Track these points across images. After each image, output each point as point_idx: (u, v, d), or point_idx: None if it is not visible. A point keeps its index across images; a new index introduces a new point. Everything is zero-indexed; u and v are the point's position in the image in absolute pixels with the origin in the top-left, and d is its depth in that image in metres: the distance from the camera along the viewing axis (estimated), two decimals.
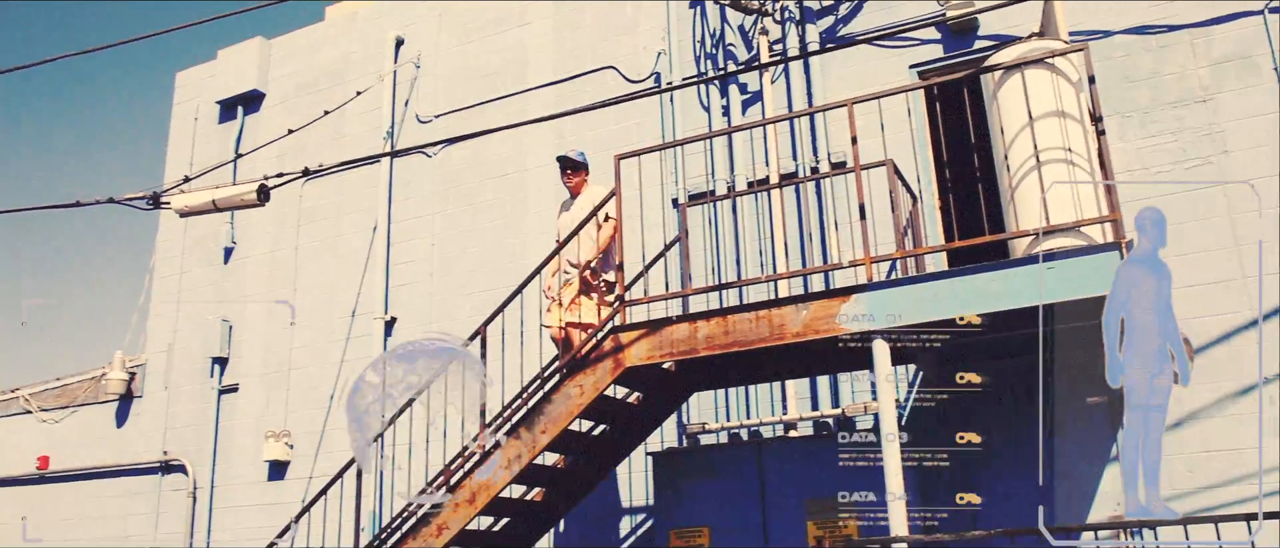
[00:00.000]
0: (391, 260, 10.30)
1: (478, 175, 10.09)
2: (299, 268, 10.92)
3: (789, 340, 6.07)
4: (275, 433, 10.24)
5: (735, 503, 7.16)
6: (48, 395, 12.56)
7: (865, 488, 6.76)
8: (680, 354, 6.37)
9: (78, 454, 11.93)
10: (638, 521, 8.33)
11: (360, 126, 10.89)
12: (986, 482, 6.69)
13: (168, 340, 11.63)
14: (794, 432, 7.84)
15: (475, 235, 9.90)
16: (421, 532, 6.91)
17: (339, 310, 10.44)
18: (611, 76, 9.56)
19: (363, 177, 10.73)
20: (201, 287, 11.62)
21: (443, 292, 9.89)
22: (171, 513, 10.91)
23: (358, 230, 10.61)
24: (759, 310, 6.18)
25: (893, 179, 6.60)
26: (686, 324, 6.36)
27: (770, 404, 8.05)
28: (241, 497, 10.51)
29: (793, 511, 6.97)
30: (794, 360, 7.09)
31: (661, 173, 8.89)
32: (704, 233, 8.63)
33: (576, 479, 7.69)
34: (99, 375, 12.02)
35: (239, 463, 10.64)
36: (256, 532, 9.99)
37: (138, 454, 11.38)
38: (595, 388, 6.54)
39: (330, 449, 9.92)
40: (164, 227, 12.12)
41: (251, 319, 11.09)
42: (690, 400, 8.12)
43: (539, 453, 6.67)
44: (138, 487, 11.32)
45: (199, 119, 12.29)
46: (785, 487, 7.05)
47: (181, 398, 11.30)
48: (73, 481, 11.90)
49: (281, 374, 10.64)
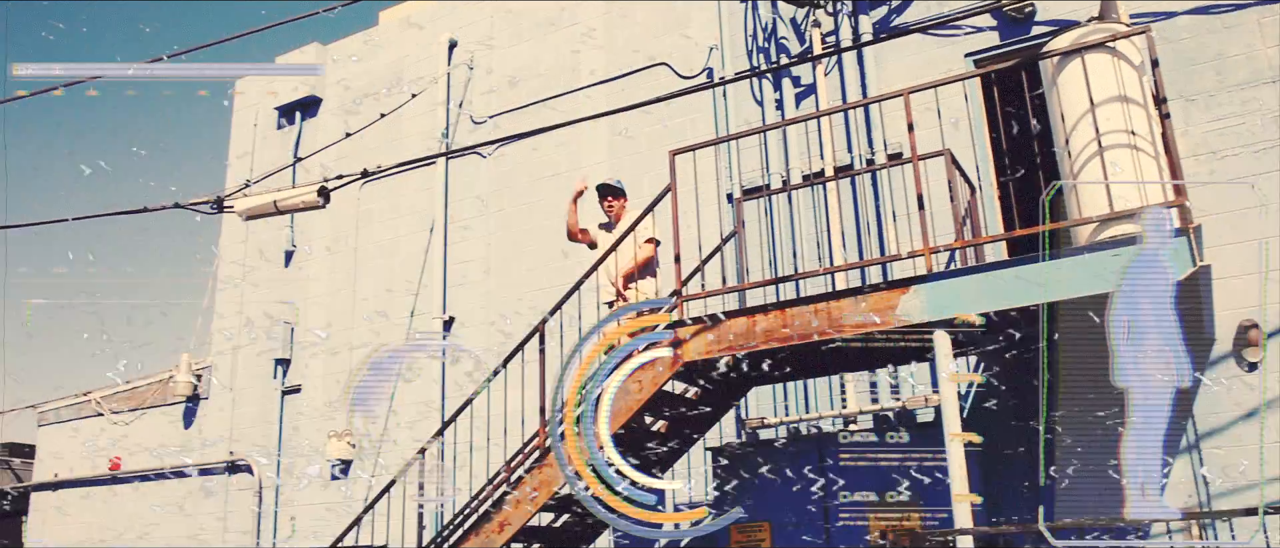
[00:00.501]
0: (448, 260, 10.40)
1: (532, 175, 10.15)
2: (358, 269, 11.07)
3: (848, 333, 6.03)
4: (338, 433, 10.40)
5: (796, 499, 7.12)
6: (118, 399, 12.87)
7: (928, 480, 6.71)
8: (738, 348, 6.35)
9: (148, 455, 12.21)
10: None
11: (415, 128, 11.01)
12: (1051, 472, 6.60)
13: (232, 343, 11.86)
14: (854, 426, 7.78)
15: (531, 234, 9.96)
16: (484, 528, 6.97)
17: (397, 311, 10.57)
18: (664, 73, 9.56)
19: (419, 178, 10.85)
20: (263, 289, 11.83)
21: (499, 291, 9.96)
22: (239, 512, 11.13)
23: (415, 231, 10.73)
24: (817, 303, 6.15)
25: (950, 169, 6.53)
26: (744, 318, 6.35)
27: (830, 398, 8.01)
28: (306, 495, 10.68)
29: (854, 505, 6.93)
30: (854, 353, 7.03)
31: (717, 168, 8.87)
32: (760, 227, 8.60)
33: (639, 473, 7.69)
34: (166, 378, 12.29)
35: (303, 463, 10.82)
36: (321, 530, 10.15)
37: (205, 455, 11.62)
38: (654, 383, 6.55)
39: (392, 447, 10.05)
40: (226, 231, 12.36)
41: (313, 321, 11.26)
42: (749, 396, 8.10)
43: (599, 447, 6.68)
44: (206, 486, 11.56)
45: (258, 125, 12.51)
46: (847, 481, 7.00)
47: (246, 399, 11.51)
48: (143, 481, 12.19)
49: (343, 376, 10.79)
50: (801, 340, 6.14)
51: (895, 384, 7.80)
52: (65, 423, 13.44)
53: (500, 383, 7.85)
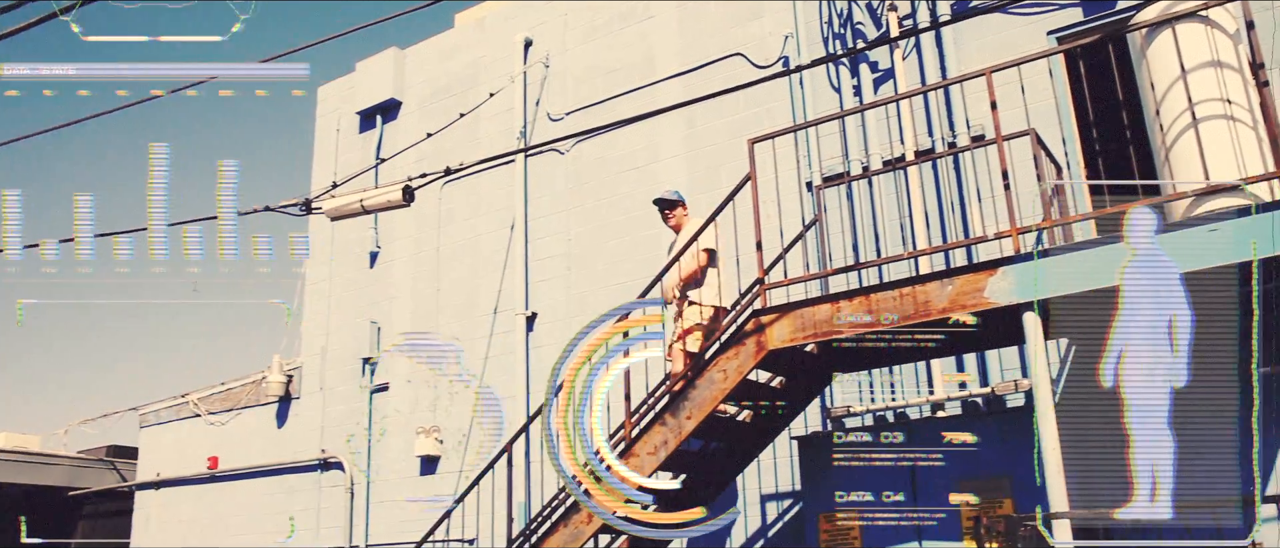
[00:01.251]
0: (529, 257, 10.51)
1: (610, 170, 10.21)
2: (441, 269, 11.25)
3: (934, 317, 5.95)
4: (425, 429, 10.58)
5: (884, 486, 7.06)
6: (214, 399, 13.26)
7: (1020, 466, 6.59)
8: (822, 335, 6.31)
9: (243, 454, 12.57)
10: (784, 506, 8.30)
11: (494, 128, 11.14)
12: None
13: (321, 343, 12.13)
14: (941, 412, 7.68)
15: (611, 229, 10.01)
16: (572, 519, 7.04)
17: (481, 308, 10.72)
18: (739, 63, 9.54)
19: (498, 177, 10.98)
20: (350, 290, 12.09)
21: (581, 286, 10.03)
22: (331, 508, 11.38)
23: (495, 230, 10.86)
24: (902, 288, 6.09)
25: (1036, 148, 6.40)
26: (828, 305, 6.30)
27: (916, 385, 7.92)
28: (396, 491, 10.88)
29: (944, 492, 6.84)
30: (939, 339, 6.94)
31: (796, 156, 8.83)
32: (840, 215, 8.53)
33: (722, 465, 7.70)
34: (259, 379, 12.63)
35: (392, 459, 11.03)
36: (411, 525, 10.34)
37: (297, 453, 11.91)
38: (739, 372, 6.54)
39: (479, 443, 10.19)
40: (313, 235, 12.65)
41: (398, 320, 11.47)
42: (833, 384, 8.04)
43: (685, 438, 6.71)
44: (298, 484, 11.85)
45: (341, 130, 12.78)
46: (936, 469, 6.91)
47: (336, 398, 11.77)
48: (239, 479, 12.54)
49: (427, 372, 10.97)
50: (887, 325, 6.08)
51: (983, 369, 7.69)
52: (165, 425, 13.89)
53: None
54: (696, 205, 9.27)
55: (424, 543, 8.35)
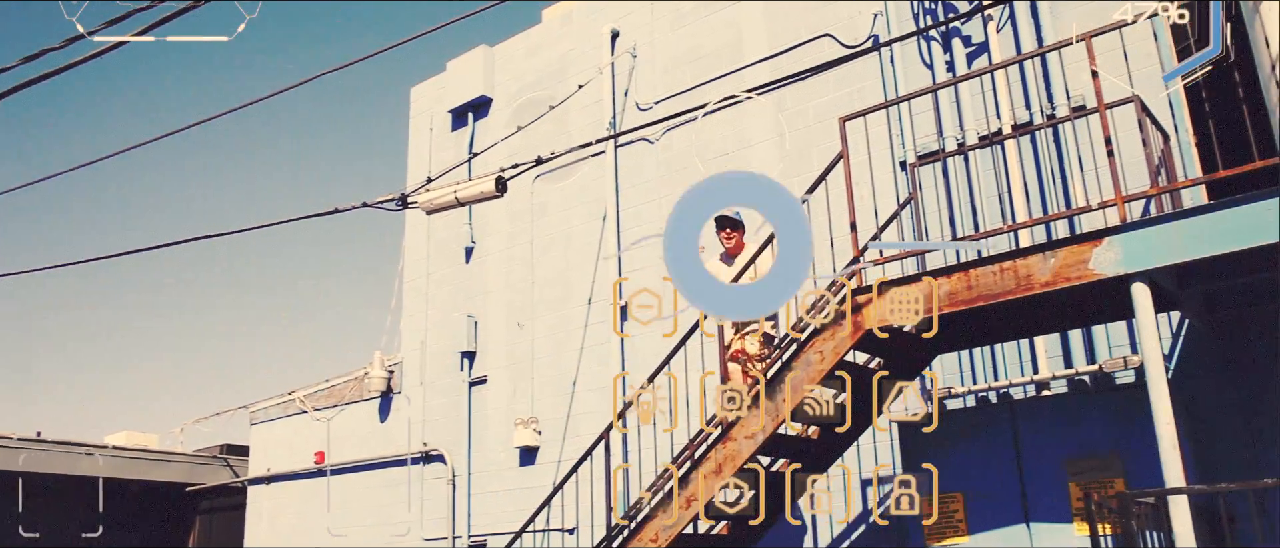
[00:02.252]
0: (622, 247, 10.54)
1: (700, 158, 10.17)
2: (535, 262, 11.36)
3: (1037, 291, 5.79)
4: (524, 420, 10.70)
5: (989, 467, 6.91)
6: (319, 396, 13.63)
7: (1131, 444, 6.38)
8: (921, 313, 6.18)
9: (348, 448, 12.89)
10: (885, 490, 8.17)
11: (583, 120, 11.20)
12: (1269, 430, 6.19)
13: (420, 339, 12.37)
14: (1047, 392, 7.47)
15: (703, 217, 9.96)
16: (670, 505, 7.03)
17: (575, 300, 10.79)
18: (828, 44, 9.42)
19: (589, 169, 11.04)
20: (447, 286, 12.29)
21: None
22: (433, 500, 11.60)
23: (587, 221, 10.93)
24: (1002, 262, 5.94)
25: (1141, 114, 6.18)
26: (925, 281, 6.18)
27: (1019, 363, 7.72)
28: (496, 482, 11.04)
29: (1052, 472, 6.66)
30: (1043, 314, 6.76)
31: (889, 135, 8.69)
32: (936, 192, 8.36)
33: (821, 449, 7.61)
34: (362, 375, 12.93)
35: (492, 450, 11.18)
36: (512, 515, 10.48)
37: (400, 446, 12.17)
38: (835, 353, 6.46)
39: (577, 433, 10.27)
40: (410, 232, 12.89)
41: (494, 313, 11.62)
42: (933, 364, 7.88)
43: (782, 421, 6.65)
44: (401, 477, 12.10)
45: (434, 129, 13.00)
46: (1042, 448, 6.74)
47: (436, 392, 11.98)
48: (345, 473, 12.86)
49: (526, 364, 11.10)
50: (988, 301, 5.94)
51: (1089, 345, 7.46)
52: (274, 421, 14.33)
53: (679, 364, 7.91)
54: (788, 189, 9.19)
55: (524, 532, 8.45)
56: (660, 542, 7.03)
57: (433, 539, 11.48)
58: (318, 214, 8.73)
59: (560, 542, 9.87)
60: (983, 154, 8.20)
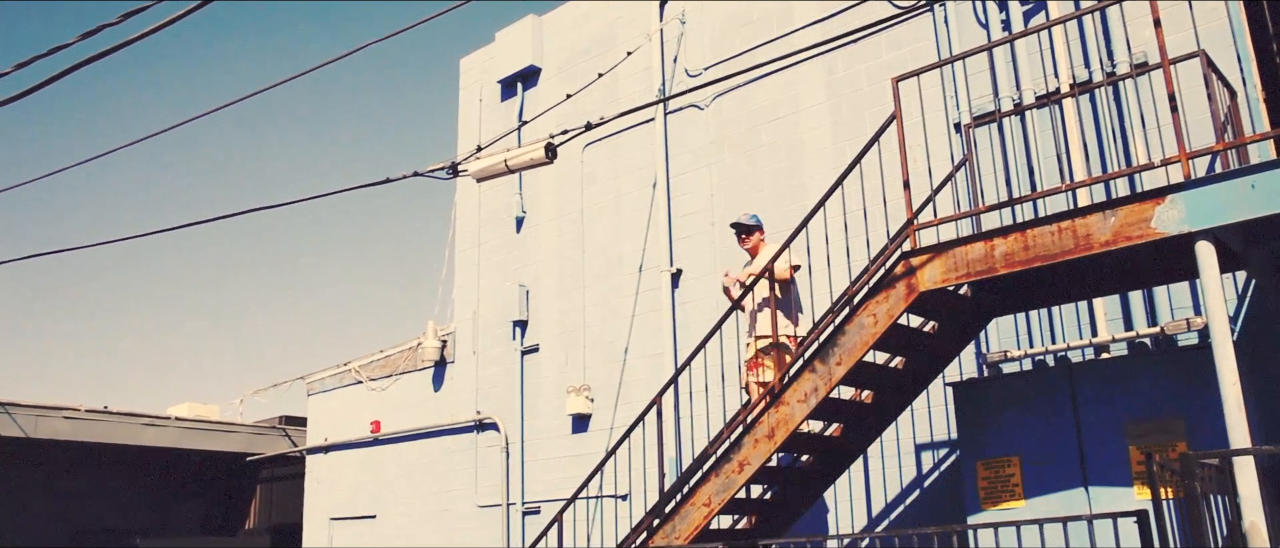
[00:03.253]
0: (672, 214, 10.51)
1: (750, 122, 10.10)
2: (585, 230, 11.37)
3: (1097, 251, 5.66)
4: (576, 388, 10.75)
5: (1046, 431, 6.80)
6: (374, 366, 13.80)
7: (1193, 407, 6.25)
8: (977, 274, 6.09)
9: (403, 418, 13.05)
10: (940, 455, 8.10)
11: (633, 88, 11.16)
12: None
13: (472, 308, 12.46)
14: (1106, 355, 7.34)
15: (753, 182, 9.92)
16: (723, 469, 7.03)
17: (626, 267, 10.79)
18: (879, 5, 9.27)
19: (638, 136, 11.00)
20: (498, 255, 12.35)
21: (726, 240, 9.98)
22: (488, 467, 11.71)
23: (637, 188, 10.90)
24: (1061, 221, 5.81)
25: (1207, 69, 6.01)
26: (981, 243, 6.08)
27: (1078, 327, 7.59)
28: (549, 450, 11.11)
29: (1111, 435, 6.54)
30: (1102, 275, 6.63)
31: (943, 96, 8.55)
32: (992, 154, 8.22)
33: (874, 413, 7.56)
34: (415, 345, 13.07)
35: (545, 418, 11.26)
36: (564, 481, 10.55)
37: (454, 415, 12.29)
38: (889, 316, 6.39)
39: (629, 400, 10.29)
40: (461, 203, 12.97)
41: (546, 283, 11.67)
42: (988, 329, 7.79)
43: (835, 385, 6.60)
44: (456, 445, 12.24)
45: (483, 100, 13.03)
46: (1102, 411, 6.63)
47: (489, 361, 12.08)
48: (400, 442, 13.03)
49: (577, 332, 11.14)
50: (1045, 261, 5.83)
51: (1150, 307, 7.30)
52: (330, 392, 14.55)
53: (731, 327, 7.89)
54: (840, 154, 9.10)
55: (577, 499, 8.49)
56: (713, 506, 7.04)
57: (487, 506, 11.61)
58: (370, 184, 8.80)
59: (613, 508, 9.93)
60: (1040, 114, 8.04)
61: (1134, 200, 5.55)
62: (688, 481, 7.39)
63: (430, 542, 12.21)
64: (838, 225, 8.22)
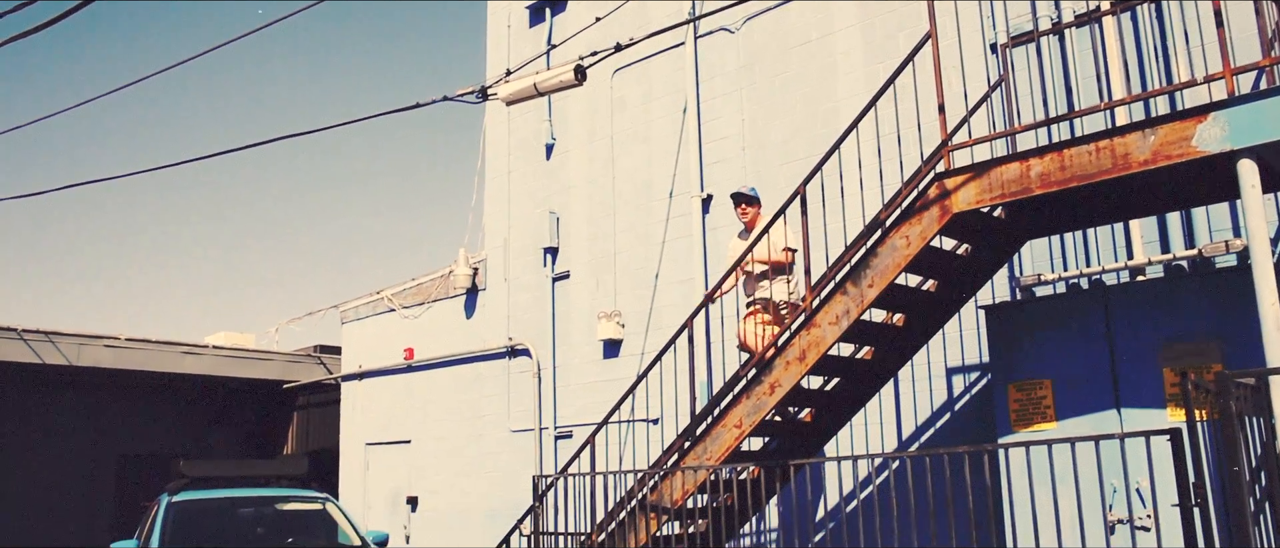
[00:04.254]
0: (702, 140, 10.45)
1: (781, 47, 9.96)
2: (615, 156, 11.33)
3: (1135, 170, 5.58)
4: (607, 314, 10.80)
5: (1079, 354, 6.78)
6: (406, 294, 13.92)
7: (1229, 329, 6.20)
8: (1012, 195, 6.02)
9: (436, 345, 13.18)
10: (972, 378, 8.10)
11: (662, 12, 11.01)
12: None
13: (503, 236, 12.50)
14: (1141, 278, 7.27)
15: (784, 108, 9.82)
16: (754, 391, 7.07)
17: (656, 193, 10.76)
18: None
19: (668, 61, 10.90)
20: (528, 183, 12.35)
21: (756, 165, 9.93)
22: (520, 393, 11.84)
23: (667, 114, 10.83)
24: (1098, 141, 5.73)
25: None
26: (1017, 163, 6.01)
27: (1113, 250, 7.51)
28: (580, 375, 11.21)
29: (1145, 357, 6.51)
30: (1139, 196, 6.54)
31: (980, 15, 8.38)
32: (1029, 75, 8.08)
33: (905, 337, 7.55)
34: (447, 273, 13.15)
35: (576, 344, 11.34)
36: (596, 406, 10.66)
37: (486, 342, 12.40)
38: (922, 237, 6.35)
39: (659, 326, 10.34)
40: (490, 131, 12.94)
41: (576, 209, 11.67)
42: (1022, 251, 7.73)
43: (866, 308, 6.60)
44: (488, 371, 12.37)
45: (511, 26, 12.93)
46: (1136, 334, 6.59)
47: (520, 288, 12.15)
48: (433, 368, 13.19)
49: (608, 259, 11.16)
50: (1082, 182, 5.75)
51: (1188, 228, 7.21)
52: (364, 320, 14.71)
53: (763, 253, 7.87)
54: (872, 77, 8.98)
55: (608, 422, 8.56)
56: (744, 428, 7.09)
57: (519, 431, 11.76)
58: (400, 109, 8.79)
59: (644, 432, 10.03)
60: (1079, 33, 7.87)
61: (1175, 118, 5.45)
62: (719, 403, 7.44)
63: (464, 466, 12.41)
64: (871, 148, 8.14)
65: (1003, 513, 6.47)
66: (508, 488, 11.61)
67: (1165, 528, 5.94)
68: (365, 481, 14.09)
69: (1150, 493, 6.15)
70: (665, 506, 7.55)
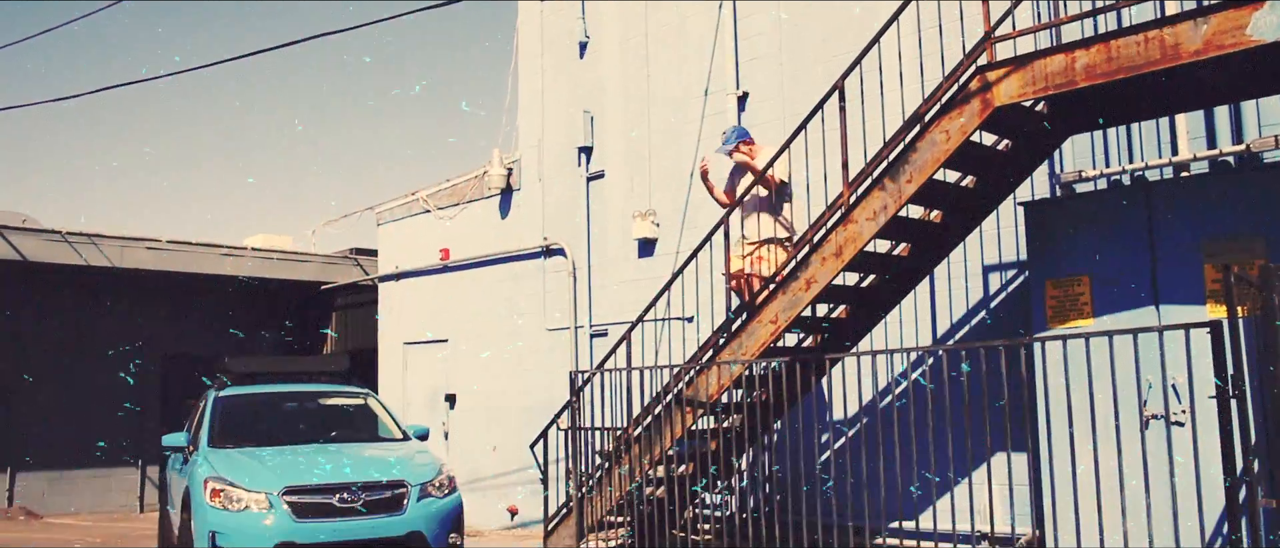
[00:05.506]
0: (738, 36, 10.29)
1: None
2: (650, 53, 11.20)
3: (1185, 61, 5.46)
4: (641, 213, 10.81)
5: (1118, 250, 6.72)
6: (441, 195, 13.97)
7: (1276, 226, 6.12)
8: (1056, 88, 5.93)
9: (471, 245, 13.27)
10: (1008, 276, 8.07)
11: None
12: None
13: (537, 135, 12.46)
14: (1186, 173, 7.16)
15: (821, 3, 9.61)
16: (790, 286, 7.10)
17: (692, 91, 10.66)
18: None
19: None
20: (562, 81, 12.26)
21: (793, 63, 9.78)
22: (555, 292, 11.94)
23: (703, 11, 10.65)
24: (1147, 31, 5.60)
25: None
26: (1062, 55, 5.90)
27: (1157, 145, 7.39)
28: (615, 274, 11.27)
29: (1186, 254, 6.45)
30: (1188, 89, 6.41)
31: None
32: None
33: (943, 234, 7.52)
34: (481, 173, 13.16)
35: (611, 243, 11.38)
36: (630, 304, 10.72)
37: (521, 241, 12.47)
38: (962, 132, 6.28)
39: (694, 224, 10.34)
40: (523, 29, 12.80)
41: (610, 108, 11.59)
42: (1063, 147, 7.61)
43: (904, 204, 6.56)
44: (524, 270, 12.46)
45: None
46: (1177, 230, 6.52)
47: (555, 187, 12.15)
48: (469, 268, 13.29)
49: (642, 158, 11.12)
50: (1130, 73, 5.64)
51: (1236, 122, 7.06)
52: (399, 221, 14.80)
53: (799, 148, 7.81)
54: None
55: (643, 320, 8.62)
56: (779, 323, 7.14)
57: (555, 330, 11.89)
58: (433, 5, 8.73)
59: (680, 330, 10.10)
60: None
61: (1229, 6, 5.31)
62: (754, 299, 7.47)
63: (501, 364, 12.59)
64: (911, 42, 7.98)
65: (1037, 410, 6.50)
66: (544, 385, 11.78)
67: (1201, 423, 5.96)
68: (404, 379, 14.34)
69: (1187, 389, 6.16)
70: (701, 400, 7.65)
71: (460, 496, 7.99)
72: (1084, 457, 5.88)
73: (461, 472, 11.46)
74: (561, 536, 8.94)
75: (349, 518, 7.04)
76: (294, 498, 7.05)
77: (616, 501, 8.24)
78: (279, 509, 6.98)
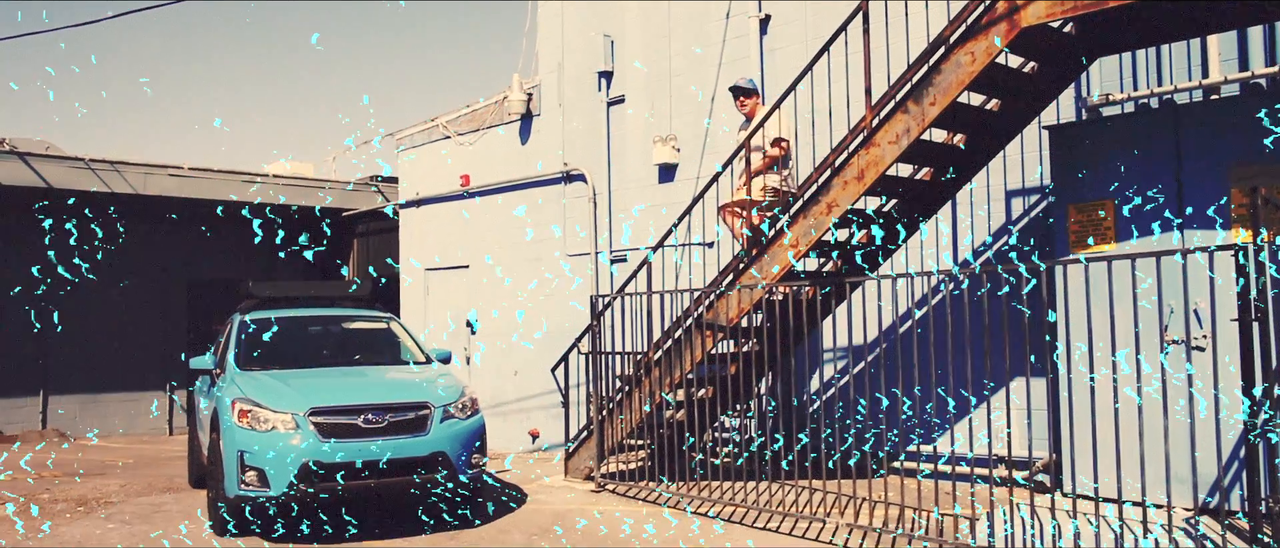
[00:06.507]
0: None
1: None
2: None
3: None
4: (662, 138, 10.75)
5: (1144, 175, 6.66)
6: (461, 121, 13.92)
7: None
8: (1085, 8, 5.82)
9: (492, 171, 13.26)
10: (1031, 201, 8.01)
11: None
12: None
13: (557, 60, 12.36)
14: (1216, 96, 7.04)
15: None
16: (811, 210, 7.08)
17: (712, 15, 10.52)
18: None
19: None
20: (582, 6, 12.11)
21: None
22: (576, 218, 11.94)
23: None
24: None
25: None
26: None
27: (1186, 67, 7.26)
28: (636, 199, 11.25)
29: (1213, 178, 6.38)
30: (1221, 9, 6.27)
31: None
32: None
33: (966, 158, 7.46)
34: (501, 99, 13.09)
35: (632, 168, 11.34)
36: (651, 230, 10.73)
37: (542, 167, 12.44)
38: (987, 54, 6.19)
39: (714, 149, 10.29)
40: None
41: (630, 32, 11.47)
42: (1090, 70, 7.49)
43: (927, 127, 6.50)
44: (544, 196, 12.45)
45: None
46: (1205, 154, 6.44)
47: (575, 113, 12.08)
48: (490, 194, 13.29)
49: (663, 82, 11.03)
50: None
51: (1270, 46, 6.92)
52: (419, 147, 14.77)
53: (821, 72, 7.73)
54: None
55: (663, 246, 8.62)
56: (800, 247, 7.13)
57: (576, 255, 11.92)
58: None
59: (701, 255, 10.11)
60: None
61: None
62: (775, 224, 7.46)
63: (521, 289, 12.65)
64: None
65: (1057, 333, 6.50)
66: (565, 310, 11.85)
67: (1222, 348, 5.95)
68: (425, 305, 14.45)
69: (1209, 314, 6.14)
70: (720, 324, 7.69)
71: (483, 417, 8.09)
72: (1103, 382, 5.89)
73: (484, 396, 11.61)
74: (582, 458, 9.06)
75: (374, 438, 7.14)
76: (320, 419, 7.15)
77: (636, 424, 8.32)
78: (305, 429, 7.08)
